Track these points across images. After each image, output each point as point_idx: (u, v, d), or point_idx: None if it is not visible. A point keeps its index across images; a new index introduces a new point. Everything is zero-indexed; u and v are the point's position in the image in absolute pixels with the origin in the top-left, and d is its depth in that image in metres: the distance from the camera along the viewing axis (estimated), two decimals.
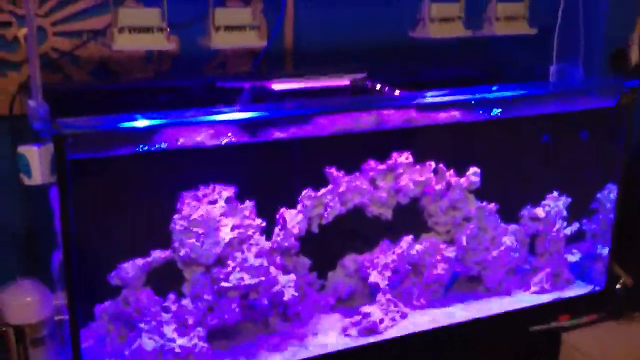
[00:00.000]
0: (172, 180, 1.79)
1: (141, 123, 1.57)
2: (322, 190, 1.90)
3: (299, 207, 1.89)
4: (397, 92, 2.04)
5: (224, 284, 1.74)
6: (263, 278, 1.77)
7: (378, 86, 2.09)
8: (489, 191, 2.10)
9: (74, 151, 1.49)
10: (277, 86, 2.01)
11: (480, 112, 2.00)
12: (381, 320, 1.93)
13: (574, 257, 2.25)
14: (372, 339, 1.91)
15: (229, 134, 1.69)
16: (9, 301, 1.64)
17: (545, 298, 2.16)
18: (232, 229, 1.78)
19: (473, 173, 2.06)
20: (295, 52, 2.22)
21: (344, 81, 2.13)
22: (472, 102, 1.99)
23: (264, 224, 1.83)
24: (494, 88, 2.05)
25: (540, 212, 2.18)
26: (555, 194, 2.20)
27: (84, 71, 1.95)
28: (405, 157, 2.00)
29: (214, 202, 1.78)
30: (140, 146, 1.59)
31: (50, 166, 1.55)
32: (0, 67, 1.87)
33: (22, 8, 1.85)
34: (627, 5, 2.58)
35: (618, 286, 2.26)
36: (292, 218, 1.86)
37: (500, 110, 2.00)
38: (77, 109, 1.58)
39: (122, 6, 1.74)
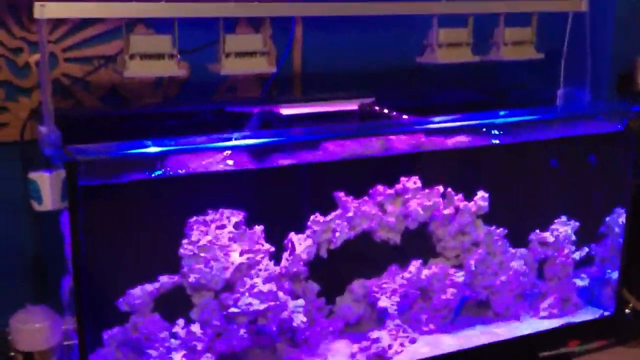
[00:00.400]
0: (181, 205, 1.79)
1: (152, 150, 1.57)
2: (331, 215, 1.90)
3: (308, 232, 1.89)
4: (405, 117, 2.04)
5: (232, 309, 1.74)
6: (272, 303, 1.77)
7: (386, 111, 2.10)
8: (497, 216, 2.10)
9: (85, 177, 1.50)
10: (286, 111, 2.02)
11: (488, 136, 2.00)
12: (390, 346, 1.92)
13: (582, 281, 2.24)
14: None
15: (239, 160, 1.70)
16: (19, 328, 1.64)
17: (555, 323, 2.15)
18: (241, 254, 1.78)
19: (481, 198, 2.06)
20: (304, 76, 2.23)
21: (352, 106, 2.14)
22: (480, 127, 1.99)
23: (272, 249, 1.83)
24: (502, 113, 2.06)
25: (549, 236, 2.17)
26: (563, 218, 2.20)
27: (94, 97, 1.97)
28: (413, 182, 2.00)
29: (222, 227, 1.78)
30: (150, 172, 1.60)
31: (61, 192, 1.56)
32: (11, 92, 1.89)
33: (33, 34, 1.87)
34: (633, 29, 2.59)
35: (627, 311, 2.25)
36: (301, 243, 1.87)
37: (508, 134, 2.01)
38: (87, 135, 1.59)
39: (133, 33, 1.75)
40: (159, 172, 1.61)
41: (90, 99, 1.96)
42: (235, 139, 1.73)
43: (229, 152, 1.69)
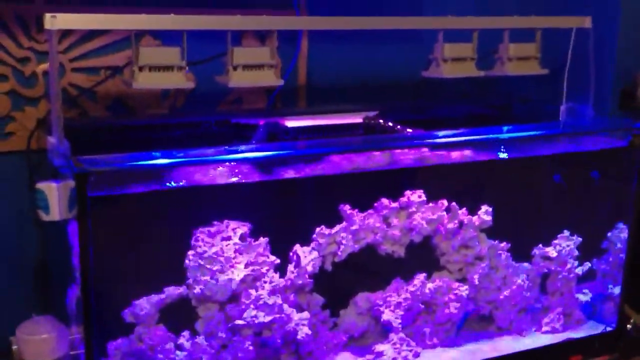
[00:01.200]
0: (187, 216, 1.80)
1: (161, 162, 1.58)
2: (336, 228, 1.91)
3: (313, 244, 1.89)
4: (409, 130, 2.05)
5: (237, 321, 1.74)
6: (277, 315, 1.77)
7: (390, 124, 2.10)
8: (500, 230, 2.10)
9: (94, 188, 1.50)
10: (291, 123, 2.03)
11: (492, 151, 2.01)
12: (394, 359, 1.92)
13: (585, 296, 2.24)
14: None
15: (245, 172, 1.71)
16: (26, 338, 1.64)
17: (557, 338, 2.15)
18: (246, 265, 1.78)
19: (485, 212, 2.07)
20: (309, 89, 2.24)
21: (357, 119, 2.14)
22: (484, 141, 2.00)
23: (277, 261, 1.83)
24: (506, 128, 2.07)
25: (551, 251, 2.18)
26: (566, 233, 2.21)
27: (101, 106, 1.97)
28: (417, 196, 2.01)
29: (228, 238, 1.79)
30: (157, 184, 1.60)
31: (68, 202, 1.56)
32: (18, 102, 1.90)
33: (40, 44, 1.88)
34: (636, 44, 2.60)
35: (629, 326, 2.25)
36: (306, 255, 1.87)
37: (511, 149, 2.01)
38: (95, 146, 1.60)
39: (142, 44, 1.75)
40: (166, 184, 1.61)
41: (96, 109, 1.97)
42: (242, 152, 1.74)
43: (235, 164, 1.69)
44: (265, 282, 1.80)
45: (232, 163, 1.69)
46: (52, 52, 1.58)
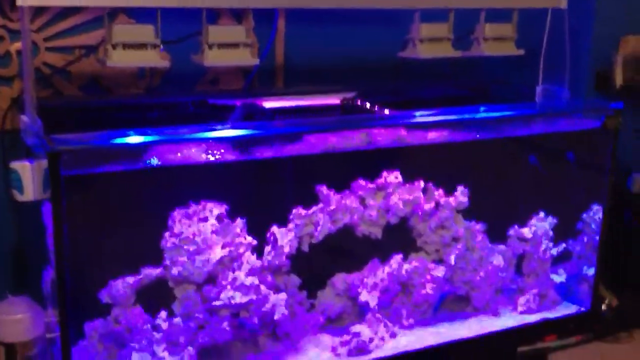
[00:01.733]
0: (163, 197, 1.79)
1: (135, 140, 1.56)
2: (313, 209, 1.90)
3: (290, 225, 1.88)
4: (386, 112, 2.05)
5: (214, 302, 1.74)
6: (254, 296, 1.77)
7: (368, 105, 2.10)
8: (476, 211, 2.11)
9: (68, 167, 1.48)
10: (269, 104, 2.01)
11: (468, 132, 2.01)
12: (370, 340, 1.93)
13: (560, 277, 2.26)
14: (361, 359, 1.90)
15: (221, 152, 1.69)
16: (1, 319, 1.62)
17: (532, 318, 2.17)
18: (223, 246, 1.77)
19: (461, 193, 2.08)
20: (286, 69, 2.23)
21: (335, 100, 2.14)
22: (460, 122, 2.00)
23: (254, 242, 1.83)
24: (482, 108, 2.07)
25: (527, 232, 2.19)
26: (541, 214, 2.22)
27: (75, 86, 1.95)
28: (394, 177, 2.01)
29: (204, 219, 1.77)
30: (132, 163, 1.58)
31: (43, 182, 1.54)
32: None
33: (14, 23, 1.85)
34: (611, 27, 2.62)
35: (604, 307, 2.28)
36: (283, 236, 1.86)
37: (488, 130, 2.02)
38: (69, 125, 1.58)
39: (116, 22, 1.73)
40: (142, 163, 1.59)
41: (70, 89, 1.94)
42: (218, 131, 1.72)
43: (212, 143, 1.68)
44: (242, 263, 1.79)
45: (208, 142, 1.67)
46: (25, 30, 1.55)
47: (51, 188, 1.46)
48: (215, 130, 1.72)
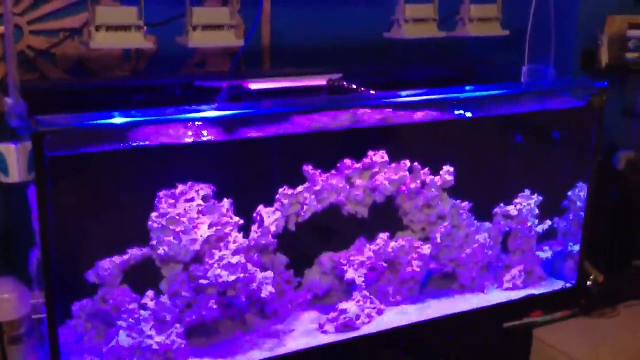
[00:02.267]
0: (150, 178, 1.79)
1: (119, 120, 1.57)
2: (299, 188, 1.92)
3: (277, 205, 1.90)
4: (372, 92, 2.06)
5: (202, 281, 1.75)
6: (241, 275, 1.78)
7: (354, 86, 2.11)
8: (462, 189, 2.13)
9: (52, 149, 1.49)
10: (255, 86, 2.02)
11: (454, 111, 2.03)
12: (358, 317, 1.95)
13: (546, 254, 2.28)
14: (349, 335, 1.92)
15: (207, 132, 1.70)
16: None
17: (518, 295, 2.19)
18: (210, 226, 1.79)
19: (447, 172, 2.09)
20: (273, 51, 2.24)
21: (321, 81, 2.15)
22: (446, 101, 2.01)
23: (241, 222, 1.84)
24: (468, 88, 2.08)
25: (512, 210, 2.21)
26: (527, 192, 2.24)
27: (60, 69, 1.95)
28: (380, 156, 2.02)
29: (191, 200, 1.79)
30: (117, 143, 1.59)
31: (27, 164, 1.55)
32: None
33: None
34: (597, 7, 2.63)
35: (589, 283, 2.30)
36: (270, 216, 1.88)
37: (473, 109, 2.03)
38: (54, 107, 1.58)
39: (99, 4, 1.74)
40: (127, 144, 1.60)
41: (55, 72, 1.94)
42: (204, 111, 1.73)
43: (198, 123, 1.69)
44: (229, 242, 1.80)
45: (193, 122, 1.68)
46: (7, 12, 1.56)
47: (35, 169, 1.47)
48: (200, 111, 1.73)
